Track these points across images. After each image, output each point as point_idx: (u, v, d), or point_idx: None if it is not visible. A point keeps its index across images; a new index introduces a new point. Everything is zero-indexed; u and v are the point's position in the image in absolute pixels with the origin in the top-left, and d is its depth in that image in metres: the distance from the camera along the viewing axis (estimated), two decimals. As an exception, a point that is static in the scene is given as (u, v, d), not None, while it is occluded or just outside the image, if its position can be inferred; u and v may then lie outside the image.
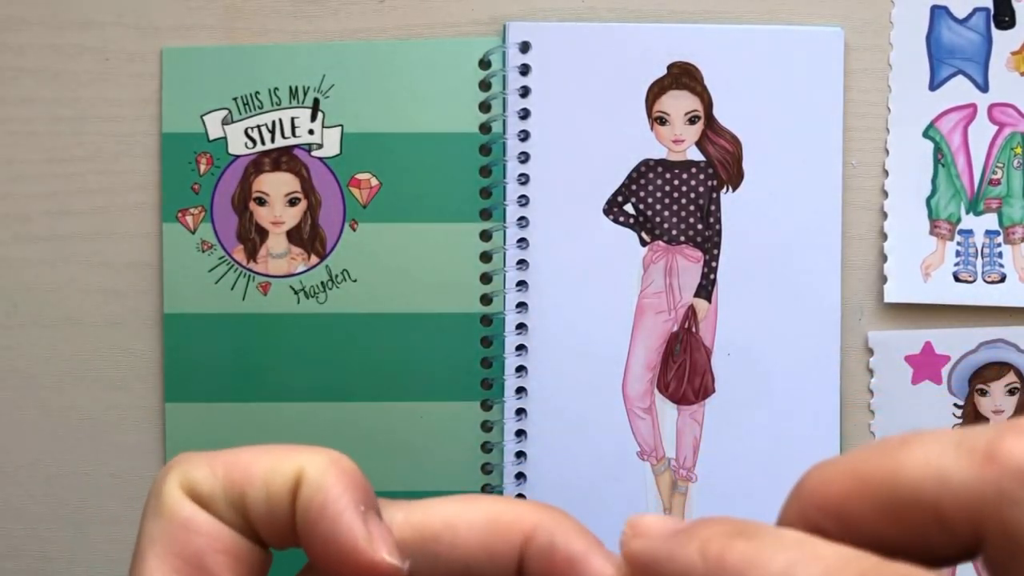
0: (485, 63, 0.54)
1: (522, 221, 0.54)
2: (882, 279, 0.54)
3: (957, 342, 0.54)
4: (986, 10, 0.54)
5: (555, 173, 0.54)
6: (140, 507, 0.25)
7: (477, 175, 0.54)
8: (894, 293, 0.54)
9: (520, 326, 0.54)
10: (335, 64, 0.53)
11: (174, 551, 0.23)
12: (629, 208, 0.54)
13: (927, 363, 0.55)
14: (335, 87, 0.54)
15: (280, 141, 0.54)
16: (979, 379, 0.55)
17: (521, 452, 0.54)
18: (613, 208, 0.54)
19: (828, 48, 0.54)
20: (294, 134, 0.54)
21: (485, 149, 0.54)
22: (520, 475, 0.54)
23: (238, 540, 0.24)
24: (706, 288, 0.54)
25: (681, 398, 0.55)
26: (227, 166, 0.54)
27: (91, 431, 0.55)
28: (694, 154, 0.54)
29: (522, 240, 0.54)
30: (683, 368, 0.55)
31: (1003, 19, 0.54)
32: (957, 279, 0.54)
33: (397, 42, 0.54)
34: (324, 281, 0.54)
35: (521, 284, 0.54)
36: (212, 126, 0.54)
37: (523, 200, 0.54)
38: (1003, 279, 0.54)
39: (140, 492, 0.55)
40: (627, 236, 0.54)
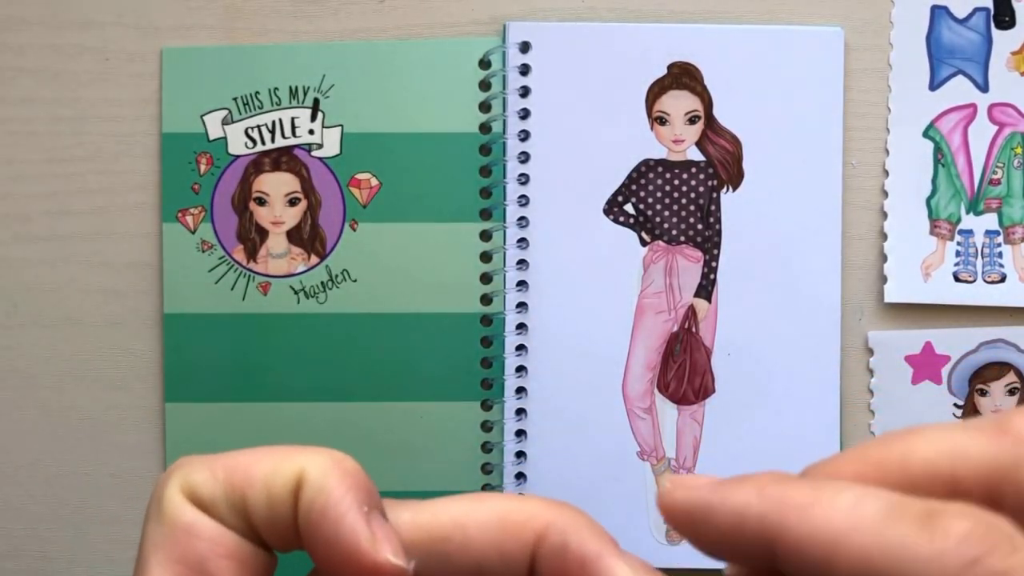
0: (485, 63, 0.54)
1: (522, 221, 0.54)
2: (882, 279, 0.54)
3: (957, 342, 0.54)
4: (986, 10, 0.54)
5: (555, 173, 0.54)
6: (140, 507, 0.24)
7: (477, 175, 0.54)
8: (894, 293, 0.54)
9: (520, 326, 0.54)
10: (335, 64, 0.53)
11: (177, 557, 0.23)
12: (629, 208, 0.54)
13: (927, 363, 0.55)
14: (335, 87, 0.53)
15: (280, 141, 0.54)
16: (979, 379, 0.55)
17: (521, 452, 0.54)
18: (613, 208, 0.54)
19: (828, 48, 0.54)
20: (294, 134, 0.54)
21: (485, 149, 0.54)
22: (520, 475, 0.54)
23: (241, 544, 0.24)
24: (706, 288, 0.54)
25: (681, 398, 0.55)
26: (227, 166, 0.54)
27: (91, 431, 0.55)
28: (694, 154, 0.54)
29: (522, 240, 0.54)
30: (683, 368, 0.55)
31: (1003, 19, 0.54)
32: (957, 279, 0.54)
33: (397, 42, 0.54)
34: (324, 281, 0.54)
35: (521, 284, 0.54)
36: (212, 126, 0.54)
37: (523, 200, 0.54)
38: (1003, 279, 0.54)
39: (140, 492, 0.55)
40: (627, 236, 0.54)
